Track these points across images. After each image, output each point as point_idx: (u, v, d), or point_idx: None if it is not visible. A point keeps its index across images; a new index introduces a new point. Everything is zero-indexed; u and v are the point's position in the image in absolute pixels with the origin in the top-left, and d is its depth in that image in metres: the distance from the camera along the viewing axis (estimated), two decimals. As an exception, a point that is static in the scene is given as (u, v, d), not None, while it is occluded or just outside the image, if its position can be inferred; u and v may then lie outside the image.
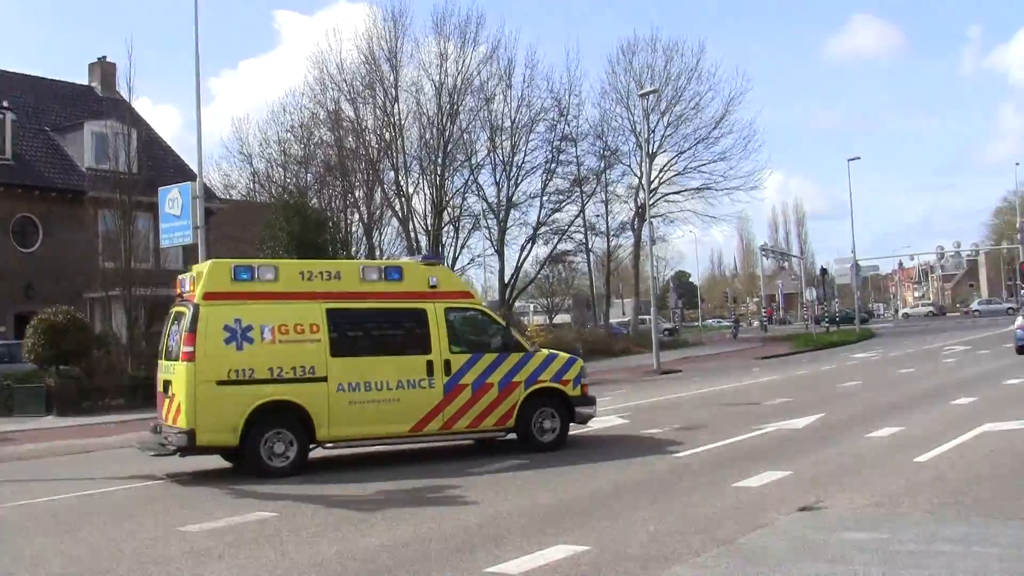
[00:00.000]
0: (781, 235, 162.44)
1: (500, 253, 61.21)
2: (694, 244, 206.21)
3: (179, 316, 15.66)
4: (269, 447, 15.08)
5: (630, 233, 70.30)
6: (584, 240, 67.78)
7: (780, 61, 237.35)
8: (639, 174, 64.41)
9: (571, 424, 17.45)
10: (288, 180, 53.32)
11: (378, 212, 57.76)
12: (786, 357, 48.80)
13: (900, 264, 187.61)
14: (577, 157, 65.06)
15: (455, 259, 58.11)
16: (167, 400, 15.48)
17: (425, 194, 57.64)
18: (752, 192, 71.89)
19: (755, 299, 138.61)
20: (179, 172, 43.43)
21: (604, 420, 21.25)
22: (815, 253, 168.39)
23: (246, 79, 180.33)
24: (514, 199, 61.16)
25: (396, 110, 57.41)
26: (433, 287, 16.81)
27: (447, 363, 16.40)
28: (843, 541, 9.07)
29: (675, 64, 67.50)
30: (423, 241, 56.81)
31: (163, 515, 12.09)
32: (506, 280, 61.76)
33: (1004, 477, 12.12)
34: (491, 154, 60.46)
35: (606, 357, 54.31)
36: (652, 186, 65.25)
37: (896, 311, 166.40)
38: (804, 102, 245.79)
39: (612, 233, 70.24)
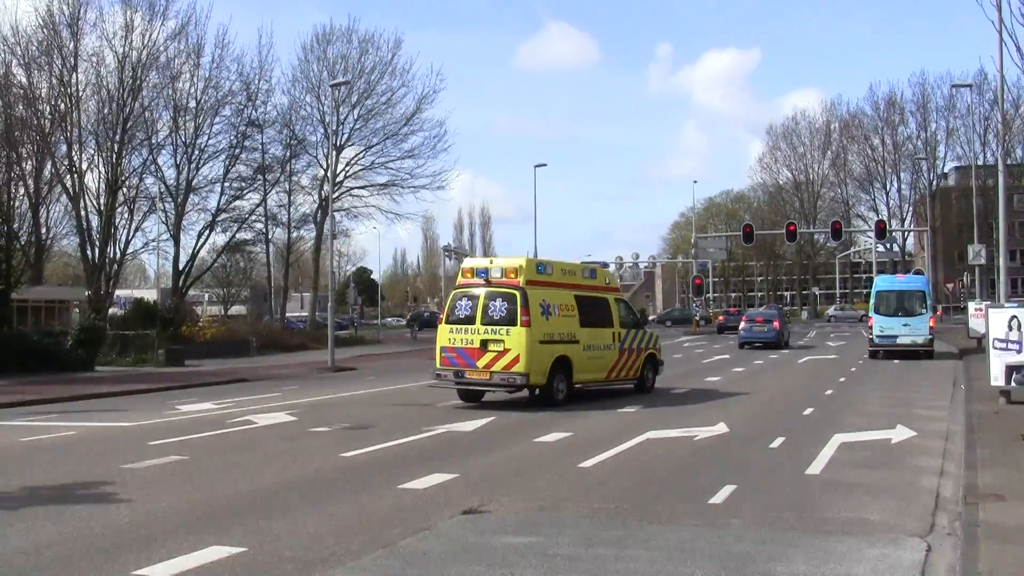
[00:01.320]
0: (466, 236, 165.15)
1: (176, 239, 59.47)
2: (378, 241, 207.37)
3: (493, 295, 22.88)
4: (556, 386, 23.22)
5: (312, 226, 69.94)
6: (265, 230, 66.85)
7: (474, 63, 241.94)
8: (325, 166, 64.07)
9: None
10: (-54, 146, 49.78)
11: (47, 188, 54.87)
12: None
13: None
14: (263, 144, 64.14)
15: (128, 242, 55.95)
16: (490, 354, 22.60)
17: (99, 172, 55.04)
18: (438, 192, 73.20)
19: (436, 299, 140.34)
20: None
21: (271, 416, 20.93)
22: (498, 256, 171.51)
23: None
24: (194, 183, 59.60)
25: (74, 80, 54.70)
26: (607, 284, 26.67)
27: (619, 334, 25.67)
28: (503, 544, 9.20)
29: (370, 57, 67.66)
30: (94, 221, 54.36)
31: None
32: (180, 267, 60.03)
33: (662, 483, 12.65)
34: (173, 135, 58.67)
35: (281, 352, 53.78)
36: (338, 179, 65.02)
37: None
38: (496, 106, 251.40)
39: (294, 225, 69.67)
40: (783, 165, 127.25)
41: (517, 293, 22.69)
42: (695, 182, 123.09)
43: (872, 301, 43.02)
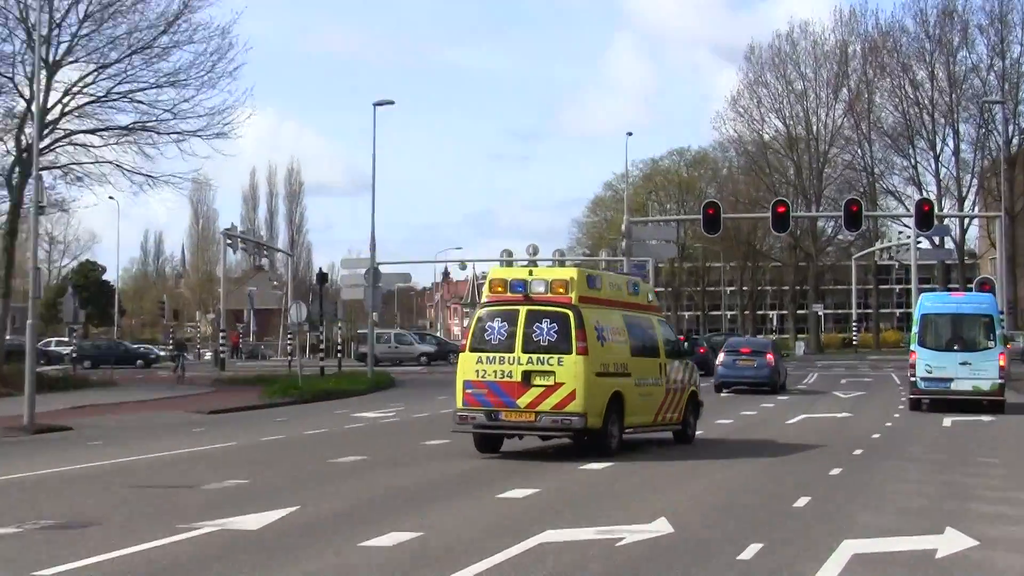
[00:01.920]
0: (262, 214, 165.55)
1: None
2: (117, 220, 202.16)
3: (537, 315, 27.52)
4: (610, 430, 28.12)
5: (4, 193, 68.87)
6: (-76, 199, 65.79)
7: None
8: (28, 95, 63.11)
9: None
10: None
11: None
12: (252, 412, 49.30)
13: (446, 273, 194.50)
14: (-81, 58, 63.04)
15: None
16: (535, 389, 27.19)
17: None
18: (218, 142, 71.75)
19: (211, 315, 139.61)
20: None
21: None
22: (314, 248, 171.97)
23: None
24: None
25: None
26: (650, 302, 32.87)
27: (665, 366, 31.36)
28: None
29: (105, -82, 66.81)
30: None
31: None
32: None
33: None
34: None
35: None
36: (51, 117, 64.18)
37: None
38: (315, 9, 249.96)
39: (-26, 191, 68.55)
40: (770, 111, 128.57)
41: (570, 313, 27.48)
42: (630, 135, 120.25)
43: (915, 328, 45.75)
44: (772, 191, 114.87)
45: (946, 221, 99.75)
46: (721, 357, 59.99)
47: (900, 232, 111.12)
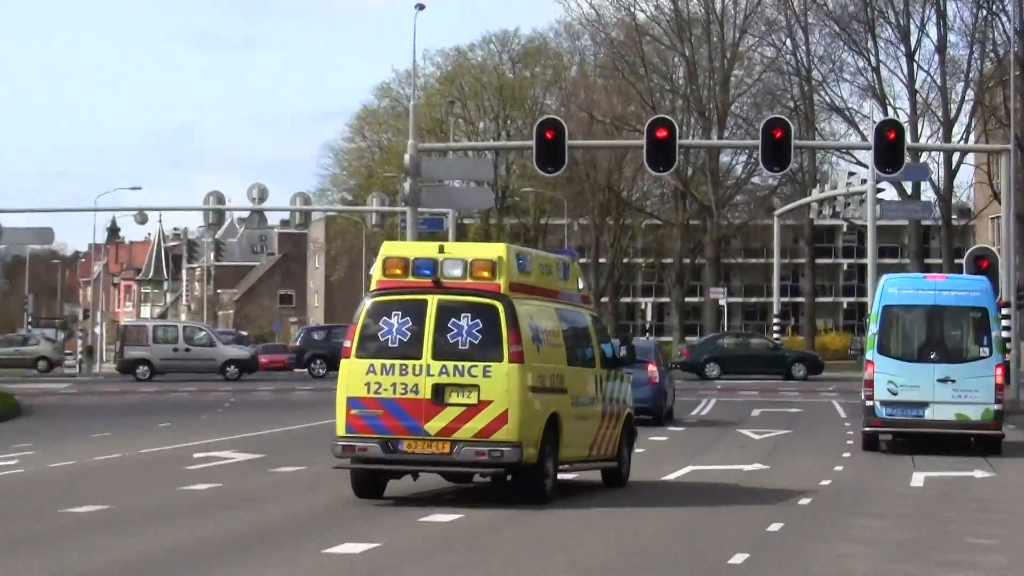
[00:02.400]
0: None
1: None
2: None
3: (452, 307, 30.40)
4: (546, 466, 31.41)
5: None
6: None
7: None
8: None
9: None
10: None
11: None
12: None
13: (114, 230, 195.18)
14: None
15: None
16: (452, 409, 30.13)
17: None
18: None
19: None
20: None
21: None
22: None
23: None
24: None
25: None
26: (581, 290, 36.57)
27: (601, 378, 35.43)
28: None
29: None
30: None
31: None
32: None
33: None
34: None
35: None
36: None
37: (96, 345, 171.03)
38: None
39: None
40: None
41: (499, 306, 30.74)
42: (420, 8, 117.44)
43: (874, 328, 46.74)
44: (649, 105, 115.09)
45: (924, 157, 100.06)
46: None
47: (852, 174, 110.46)
